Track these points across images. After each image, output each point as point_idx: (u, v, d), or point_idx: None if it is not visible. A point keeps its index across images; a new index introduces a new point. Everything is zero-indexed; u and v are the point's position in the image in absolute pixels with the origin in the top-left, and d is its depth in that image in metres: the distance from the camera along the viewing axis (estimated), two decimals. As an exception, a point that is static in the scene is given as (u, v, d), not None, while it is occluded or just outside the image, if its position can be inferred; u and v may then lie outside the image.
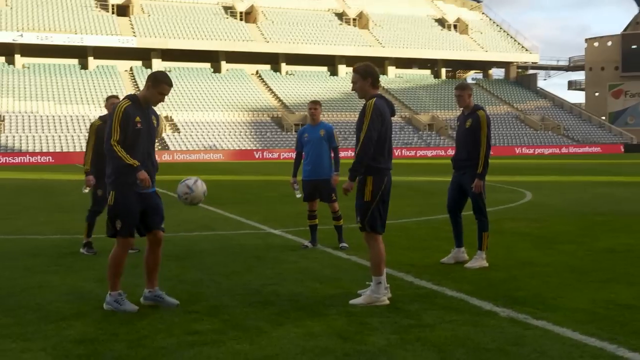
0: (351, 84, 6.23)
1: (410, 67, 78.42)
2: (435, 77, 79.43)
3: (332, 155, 9.12)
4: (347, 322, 5.32)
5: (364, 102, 6.08)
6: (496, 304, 5.86)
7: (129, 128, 5.82)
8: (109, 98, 8.61)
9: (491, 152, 7.88)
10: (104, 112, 8.68)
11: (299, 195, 9.39)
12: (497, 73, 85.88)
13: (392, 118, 6.22)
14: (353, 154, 6.09)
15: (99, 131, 8.67)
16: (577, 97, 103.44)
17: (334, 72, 74.79)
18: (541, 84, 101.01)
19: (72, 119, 56.31)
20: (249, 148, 55.98)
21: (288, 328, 5.17)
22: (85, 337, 4.97)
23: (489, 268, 7.55)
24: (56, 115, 56.65)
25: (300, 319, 5.44)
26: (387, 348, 4.66)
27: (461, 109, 7.96)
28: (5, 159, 48.29)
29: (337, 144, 9.18)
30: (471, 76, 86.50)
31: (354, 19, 78.44)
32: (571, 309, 5.67)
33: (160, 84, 5.95)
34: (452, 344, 4.73)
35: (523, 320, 5.34)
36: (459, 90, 7.83)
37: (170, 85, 6.02)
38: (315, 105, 9.15)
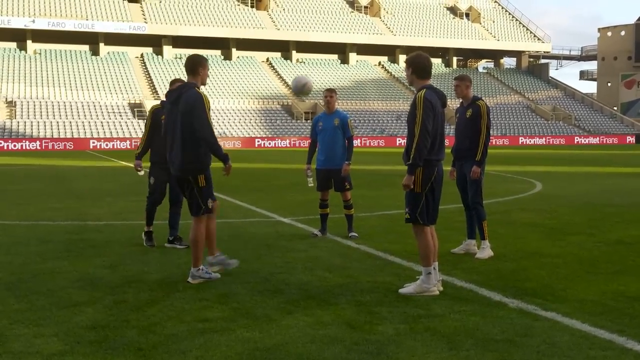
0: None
1: (421, 56, 77.93)
2: (446, 66, 79.13)
3: (347, 144, 9.05)
4: (356, 312, 5.34)
5: (415, 94, 6.04)
6: (505, 294, 5.87)
7: None
8: (174, 82, 8.16)
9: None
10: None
11: (311, 184, 9.35)
12: (508, 62, 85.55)
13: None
14: (404, 144, 6.13)
15: (155, 115, 8.43)
16: (589, 87, 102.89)
17: (344, 60, 74.62)
18: (553, 73, 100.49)
19: (82, 105, 56.50)
20: (259, 135, 56.02)
21: (297, 317, 5.19)
22: (97, 324, 5.01)
23: (498, 258, 7.55)
24: (67, 101, 56.85)
25: (309, 307, 5.46)
26: (396, 337, 4.68)
27: (460, 100, 8.04)
28: (17, 145, 48.52)
29: (352, 133, 9.09)
30: (482, 65, 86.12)
31: (365, 7, 78.16)
32: (580, 300, 5.67)
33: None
34: (461, 334, 4.75)
35: (532, 311, 5.34)
36: (458, 80, 7.92)
37: None
38: (330, 93, 9.07)
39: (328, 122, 9.00)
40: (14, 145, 48.35)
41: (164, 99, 8.12)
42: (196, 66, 6.36)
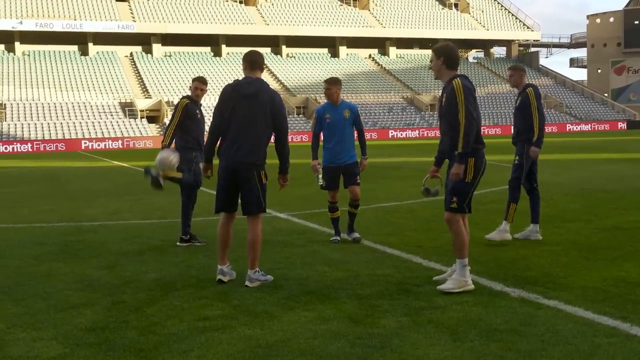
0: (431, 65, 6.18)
1: (411, 47, 77.99)
2: (436, 57, 78.96)
3: (357, 137, 8.28)
4: (357, 305, 5.30)
5: (447, 84, 5.79)
6: (507, 284, 5.84)
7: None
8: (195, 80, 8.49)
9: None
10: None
11: (320, 182, 8.26)
12: (498, 52, 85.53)
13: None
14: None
15: (188, 110, 8.27)
16: (579, 75, 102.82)
17: (334, 54, 74.48)
18: (543, 61, 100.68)
19: (73, 106, 56.22)
20: (251, 132, 55.82)
21: (298, 312, 5.15)
22: (96, 325, 4.96)
23: (497, 248, 7.53)
24: (57, 102, 56.56)
25: (310, 303, 5.42)
26: (399, 330, 4.64)
27: (514, 89, 8.48)
28: (8, 147, 48.26)
29: (362, 125, 8.36)
30: (473, 55, 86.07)
31: (354, 0, 77.96)
32: (582, 287, 5.65)
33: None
34: (464, 325, 4.71)
35: (534, 300, 5.31)
36: (512, 70, 8.22)
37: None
38: (328, 85, 8.17)
39: (337, 113, 8.13)
40: (5, 148, 48.09)
41: (188, 95, 8.27)
42: (261, 61, 6.32)
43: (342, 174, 8.20)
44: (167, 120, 55.28)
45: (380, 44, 76.70)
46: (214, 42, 70.03)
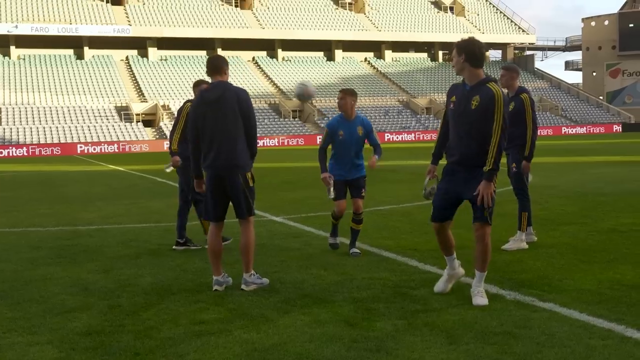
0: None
1: (407, 51, 78.05)
2: (432, 60, 79.20)
3: (373, 149, 7.88)
4: (353, 309, 5.31)
5: (480, 86, 5.39)
6: (502, 287, 5.86)
7: None
8: (198, 83, 8.31)
9: (538, 134, 7.94)
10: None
11: (332, 195, 7.65)
12: (494, 55, 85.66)
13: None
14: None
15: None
16: (575, 77, 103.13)
17: (330, 57, 74.53)
18: (538, 64, 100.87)
19: (69, 110, 56.13)
20: (247, 135, 55.76)
21: (294, 316, 5.16)
22: (92, 329, 4.95)
23: (493, 251, 7.50)
24: (53, 106, 56.48)
25: (306, 306, 5.42)
26: (395, 334, 4.65)
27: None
28: (3, 152, 48.15)
29: (377, 140, 7.87)
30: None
31: (350, 3, 78.07)
32: (577, 290, 5.67)
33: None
34: (460, 328, 4.72)
35: (530, 302, 5.33)
36: (504, 70, 7.92)
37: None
38: (343, 94, 7.81)
39: (350, 131, 7.64)
40: (0, 152, 47.99)
41: (192, 100, 8.23)
42: (223, 65, 6.22)
43: (349, 185, 7.81)
44: (162, 125, 55.47)
45: (376, 48, 76.79)
46: (209, 45, 70.02)
